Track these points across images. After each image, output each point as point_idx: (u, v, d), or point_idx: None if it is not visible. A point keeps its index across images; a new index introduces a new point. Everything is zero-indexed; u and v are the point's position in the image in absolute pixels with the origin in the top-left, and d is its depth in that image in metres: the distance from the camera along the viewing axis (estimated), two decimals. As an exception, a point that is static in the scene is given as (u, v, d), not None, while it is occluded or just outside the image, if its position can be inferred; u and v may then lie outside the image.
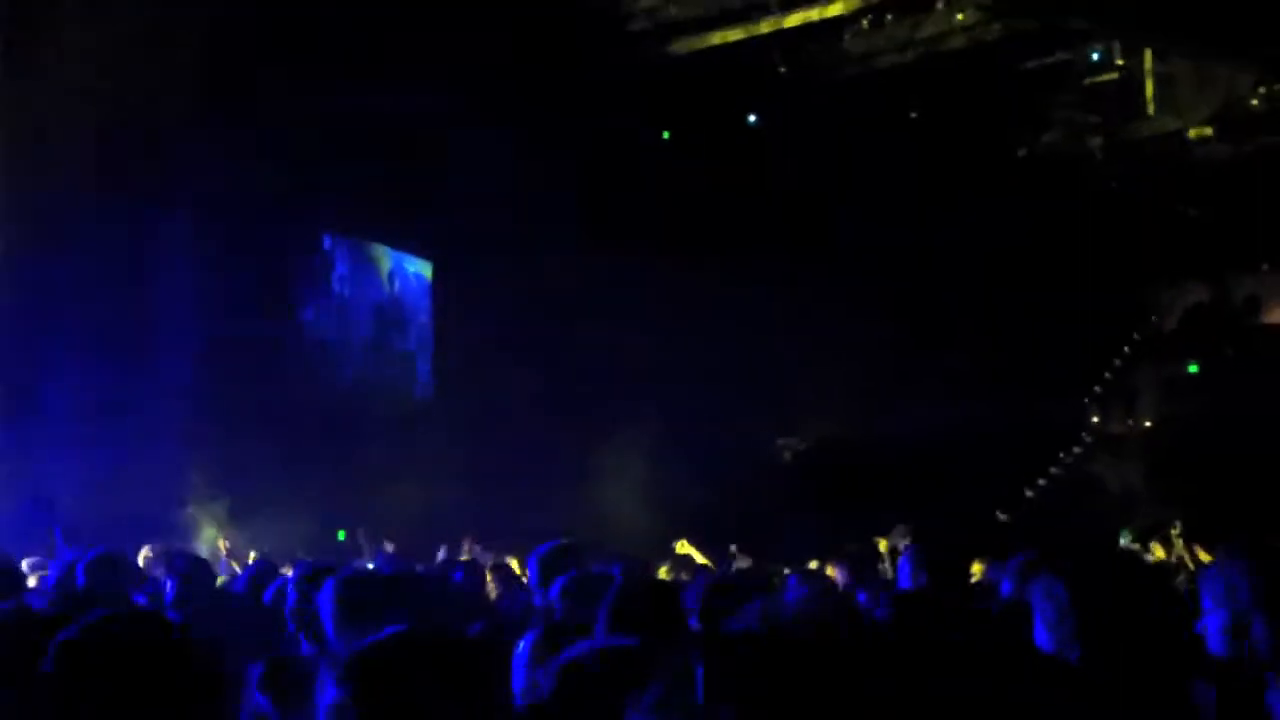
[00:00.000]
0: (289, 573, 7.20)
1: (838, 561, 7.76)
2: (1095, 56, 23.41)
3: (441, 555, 13.47)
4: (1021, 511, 24.62)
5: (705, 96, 22.61)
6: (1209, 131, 23.20)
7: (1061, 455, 26.42)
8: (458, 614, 6.52)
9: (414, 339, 19.99)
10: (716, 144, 23.12)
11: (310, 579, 5.29)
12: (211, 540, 15.14)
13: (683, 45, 21.47)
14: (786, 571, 8.89)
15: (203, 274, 16.90)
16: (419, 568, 10.69)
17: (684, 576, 10.84)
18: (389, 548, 14.35)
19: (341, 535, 17.48)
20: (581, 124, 20.93)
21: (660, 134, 23.97)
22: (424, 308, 20.23)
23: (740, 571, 11.87)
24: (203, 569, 7.44)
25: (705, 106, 22.89)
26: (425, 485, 19.59)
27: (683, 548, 12.35)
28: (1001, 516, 24.25)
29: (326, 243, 18.70)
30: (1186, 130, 23.23)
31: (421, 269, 20.46)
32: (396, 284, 19.90)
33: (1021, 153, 24.39)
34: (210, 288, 16.99)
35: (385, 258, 19.72)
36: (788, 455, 26.68)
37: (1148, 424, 27.77)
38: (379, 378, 19.54)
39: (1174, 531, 9.92)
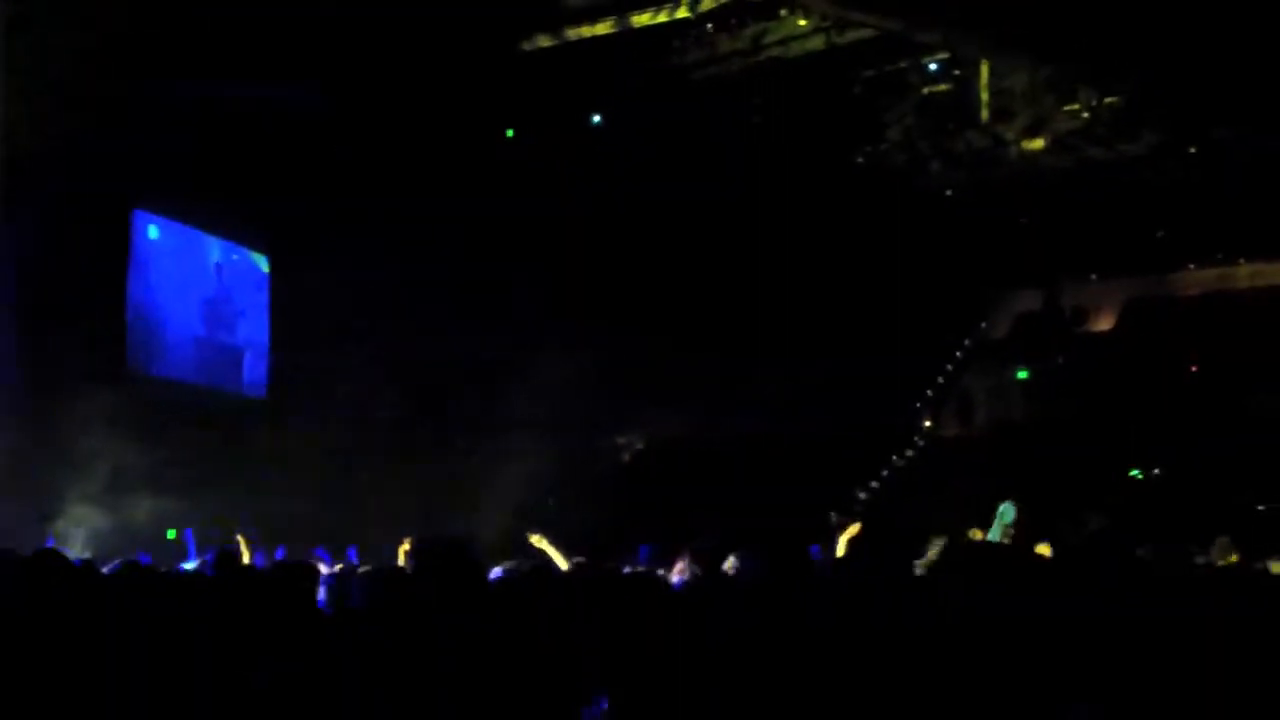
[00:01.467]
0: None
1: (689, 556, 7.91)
2: (932, 67, 23.81)
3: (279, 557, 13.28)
4: (853, 511, 24.96)
5: (550, 95, 22.56)
6: (1041, 144, 23.74)
7: (894, 458, 26.84)
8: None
9: (242, 334, 19.63)
10: (560, 143, 23.10)
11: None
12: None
13: (530, 43, 21.41)
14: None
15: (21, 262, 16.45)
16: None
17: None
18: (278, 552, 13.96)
19: (171, 534, 17.16)
20: (425, 118, 20.75)
21: (505, 131, 23.87)
22: (258, 302, 19.87)
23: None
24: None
25: (550, 105, 22.84)
26: (254, 486, 19.30)
27: (538, 542, 12.30)
28: (833, 516, 24.57)
29: (151, 230, 18.28)
30: (1019, 141, 23.74)
31: (257, 260, 20.11)
32: (225, 275, 19.52)
33: (859, 160, 24.72)
34: (28, 275, 16.55)
35: (214, 249, 19.34)
36: (626, 455, 26.76)
37: (978, 428, 28.36)
38: (207, 373, 19.15)
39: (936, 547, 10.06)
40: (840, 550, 9.79)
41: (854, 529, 9.73)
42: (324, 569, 11.66)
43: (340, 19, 18.40)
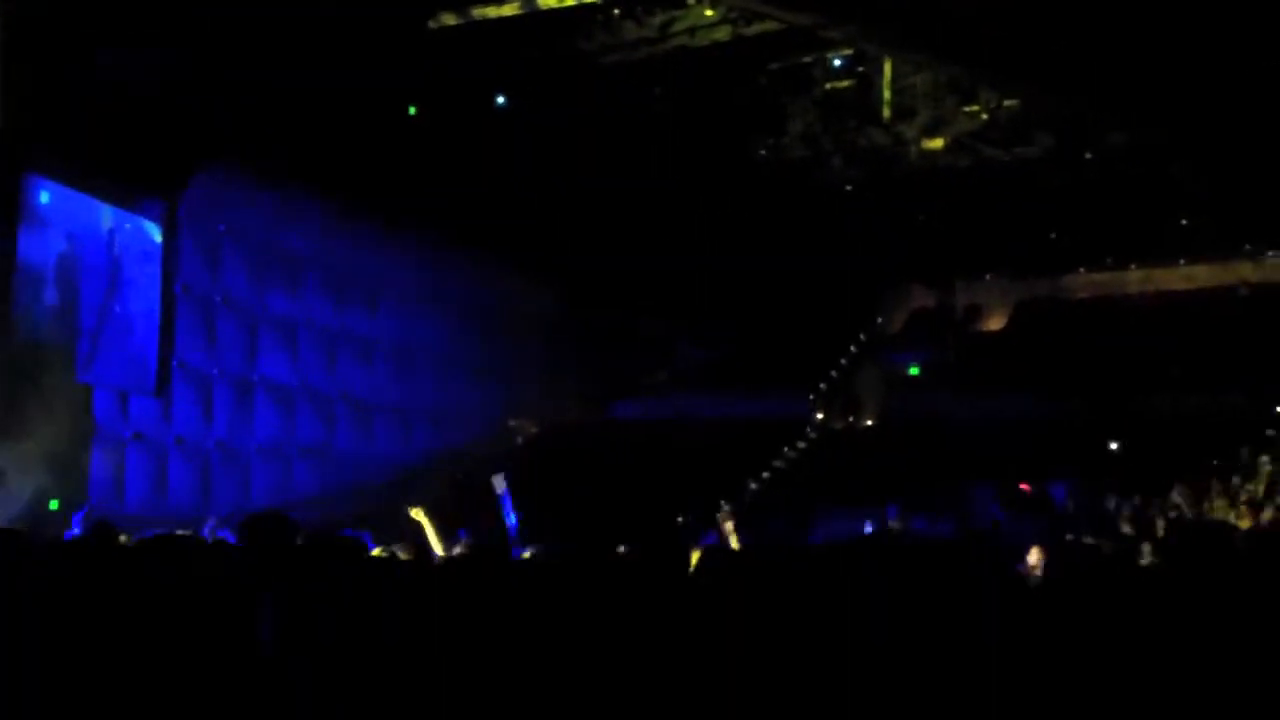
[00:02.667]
0: None
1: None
2: (837, 63, 23.98)
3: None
4: (743, 501, 25.14)
5: (455, 75, 22.42)
6: (940, 143, 24.02)
7: (785, 449, 27.04)
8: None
9: (132, 303, 19.32)
10: (463, 123, 22.98)
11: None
12: None
13: (437, 21, 21.24)
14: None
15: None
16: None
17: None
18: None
19: (54, 504, 16.97)
20: (333, 92, 20.55)
21: (407, 109, 23.68)
22: (149, 272, 19.57)
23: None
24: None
25: (455, 85, 22.70)
26: (159, 458, 19.14)
27: (417, 514, 12.31)
28: (724, 505, 24.72)
29: (43, 195, 17.92)
30: (919, 140, 23.99)
31: (150, 230, 19.79)
32: (118, 244, 19.20)
33: (761, 152, 24.85)
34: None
35: (108, 216, 19.01)
36: (519, 438, 26.72)
37: (869, 422, 28.65)
38: (101, 349, 18.84)
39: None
40: (733, 542, 9.89)
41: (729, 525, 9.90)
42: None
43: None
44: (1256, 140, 22.06)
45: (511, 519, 11.15)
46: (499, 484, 11.88)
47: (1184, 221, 27.03)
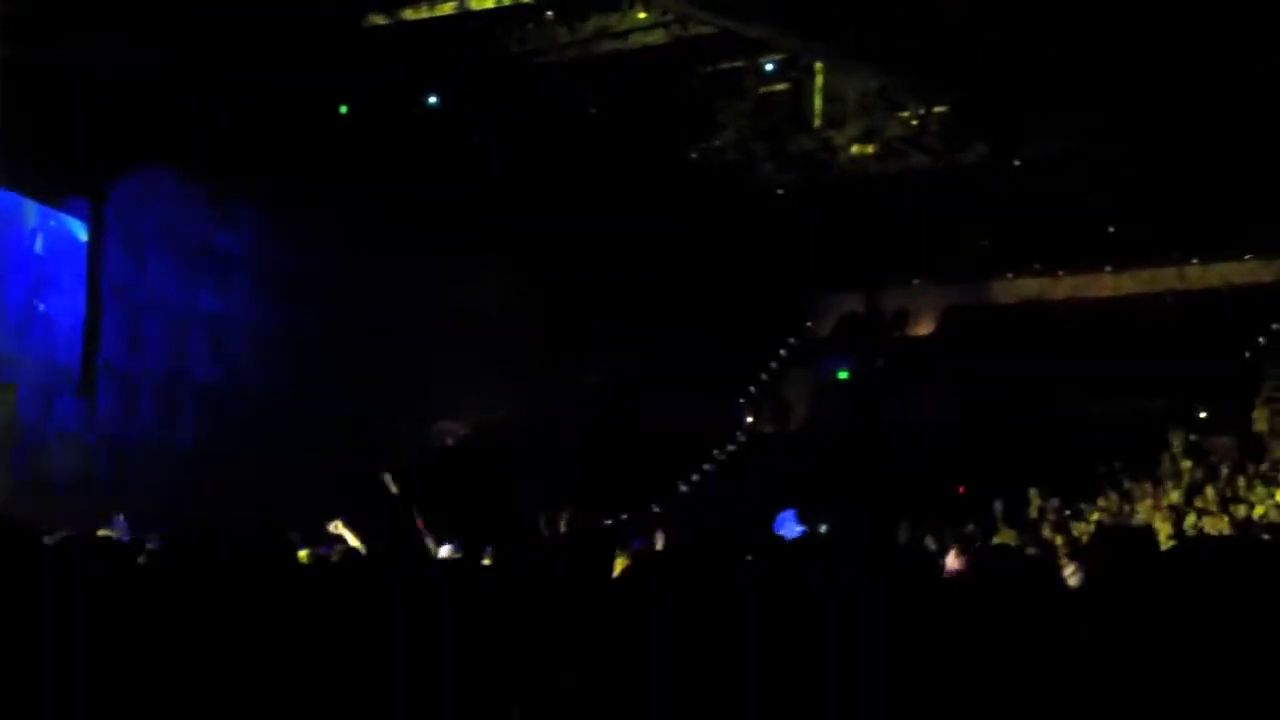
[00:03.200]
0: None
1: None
2: (769, 68, 24.08)
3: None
4: (672, 502, 25.24)
5: (387, 74, 22.32)
6: (871, 149, 24.17)
7: (715, 452, 27.14)
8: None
9: (54, 302, 19.10)
10: (394, 123, 22.88)
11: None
12: None
13: (369, 21, 21.14)
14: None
15: None
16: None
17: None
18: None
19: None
20: (264, 91, 20.41)
21: (338, 108, 23.54)
22: (74, 271, 19.34)
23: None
24: None
25: (387, 85, 22.60)
26: (80, 456, 18.92)
27: (336, 528, 12.19)
28: (655, 508, 24.81)
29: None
30: (849, 146, 24.13)
31: (75, 228, 19.57)
32: (42, 242, 18.98)
33: (693, 155, 24.90)
34: None
35: (32, 213, 18.78)
36: (449, 440, 26.65)
37: (797, 426, 28.80)
38: (25, 348, 18.61)
39: None
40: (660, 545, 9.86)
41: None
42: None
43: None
44: (1181, 148, 22.40)
45: (415, 521, 11.01)
46: (390, 484, 11.76)
47: (1111, 230, 27.37)
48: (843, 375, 29.46)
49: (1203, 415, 24.87)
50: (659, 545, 10.92)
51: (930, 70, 21.78)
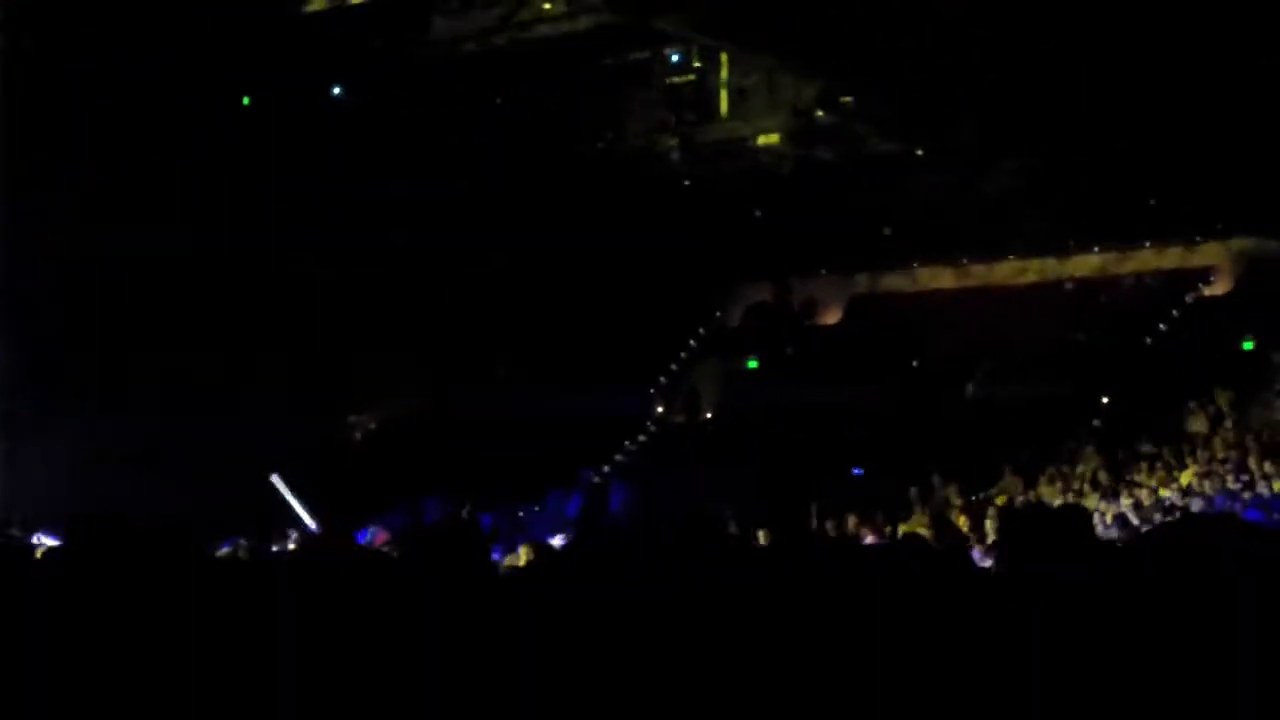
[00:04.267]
0: None
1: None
2: (675, 58, 24.10)
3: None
4: (584, 494, 25.23)
5: (292, 65, 22.09)
6: (776, 139, 24.28)
7: (626, 443, 27.18)
8: None
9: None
10: (299, 114, 22.65)
11: None
12: None
13: (276, 10, 20.93)
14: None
15: None
16: None
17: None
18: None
19: None
20: (166, 80, 20.15)
21: (241, 99, 23.27)
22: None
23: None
24: None
25: (292, 76, 22.37)
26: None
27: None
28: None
29: None
30: (756, 136, 24.24)
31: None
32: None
33: (600, 145, 24.89)
34: None
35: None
36: (358, 434, 26.46)
37: (708, 415, 28.89)
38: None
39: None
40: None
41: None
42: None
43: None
44: (1082, 139, 22.72)
45: (308, 520, 10.92)
46: (279, 484, 11.67)
47: (1015, 219, 27.68)
48: (752, 364, 29.59)
49: (1105, 400, 25.30)
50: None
51: (834, 62, 21.92)
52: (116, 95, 19.76)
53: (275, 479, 12.23)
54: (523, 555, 8.39)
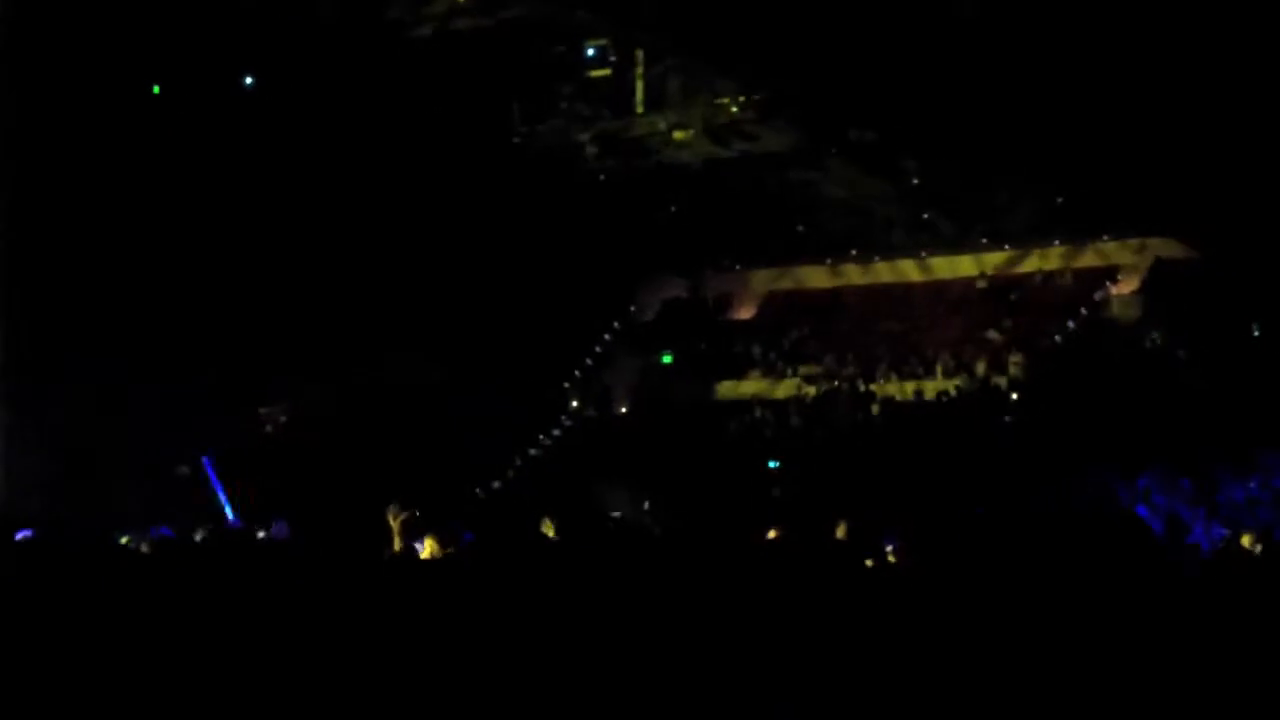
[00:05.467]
0: None
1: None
2: (591, 53, 24.06)
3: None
4: (498, 488, 25.24)
5: (202, 55, 21.86)
6: (691, 135, 24.36)
7: (541, 437, 27.16)
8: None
9: None
10: (208, 104, 22.39)
11: None
12: None
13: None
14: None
15: None
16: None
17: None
18: None
19: None
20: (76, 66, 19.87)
21: (150, 88, 22.96)
22: None
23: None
24: None
25: (201, 65, 22.12)
26: None
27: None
28: (479, 492, 24.81)
29: None
30: (671, 131, 24.29)
31: None
32: None
33: (516, 140, 24.83)
34: None
35: None
36: (269, 427, 26.22)
37: (622, 410, 28.91)
38: None
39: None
40: (397, 543, 9.41)
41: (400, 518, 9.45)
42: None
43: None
44: (986, 139, 22.99)
45: (228, 510, 10.91)
46: (208, 471, 11.66)
47: (924, 216, 27.97)
48: (666, 359, 29.64)
49: (1014, 397, 25.64)
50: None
51: (749, 60, 22.04)
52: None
53: (205, 463, 12.19)
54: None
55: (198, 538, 11.27)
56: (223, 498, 11.88)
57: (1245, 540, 10.54)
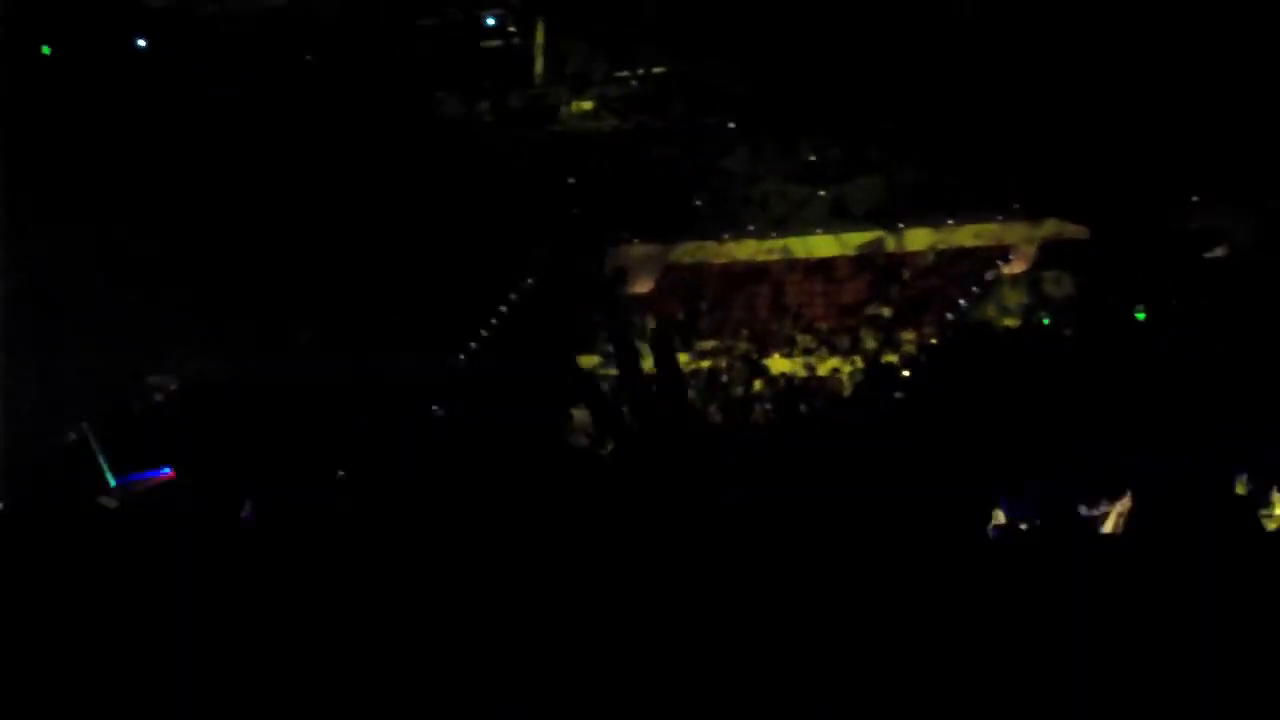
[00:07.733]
0: None
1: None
2: (490, 21, 23.91)
3: None
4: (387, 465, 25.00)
5: (93, 17, 21.49)
6: (590, 106, 24.32)
7: (434, 408, 27.01)
8: None
9: None
10: (100, 67, 22.02)
11: None
12: None
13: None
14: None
15: None
16: None
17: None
18: None
19: None
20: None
21: (40, 48, 22.54)
22: None
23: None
24: None
25: (91, 27, 21.74)
26: None
27: None
28: (340, 474, 24.52)
29: None
30: (570, 103, 24.23)
31: None
32: None
33: (414, 110, 24.64)
34: None
35: None
36: (159, 395, 25.89)
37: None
38: None
39: None
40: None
41: None
42: None
43: None
44: (898, 116, 23.18)
45: (110, 477, 10.82)
46: (89, 435, 11.51)
47: (820, 193, 28.15)
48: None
49: (905, 374, 25.88)
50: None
51: (651, 31, 22.04)
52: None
53: (85, 428, 12.00)
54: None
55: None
56: (103, 462, 11.72)
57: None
